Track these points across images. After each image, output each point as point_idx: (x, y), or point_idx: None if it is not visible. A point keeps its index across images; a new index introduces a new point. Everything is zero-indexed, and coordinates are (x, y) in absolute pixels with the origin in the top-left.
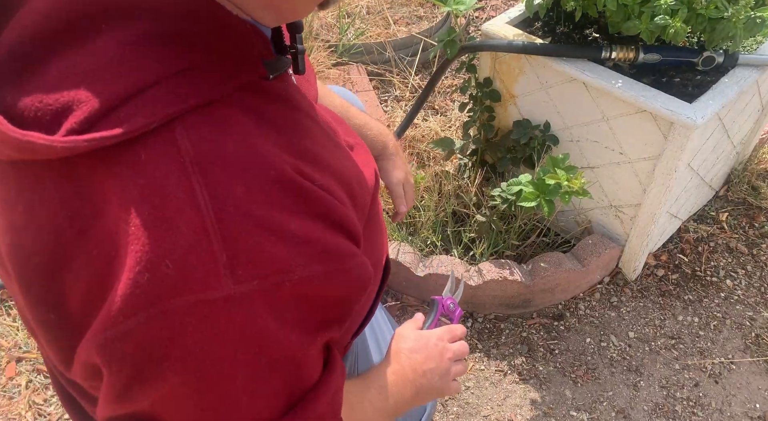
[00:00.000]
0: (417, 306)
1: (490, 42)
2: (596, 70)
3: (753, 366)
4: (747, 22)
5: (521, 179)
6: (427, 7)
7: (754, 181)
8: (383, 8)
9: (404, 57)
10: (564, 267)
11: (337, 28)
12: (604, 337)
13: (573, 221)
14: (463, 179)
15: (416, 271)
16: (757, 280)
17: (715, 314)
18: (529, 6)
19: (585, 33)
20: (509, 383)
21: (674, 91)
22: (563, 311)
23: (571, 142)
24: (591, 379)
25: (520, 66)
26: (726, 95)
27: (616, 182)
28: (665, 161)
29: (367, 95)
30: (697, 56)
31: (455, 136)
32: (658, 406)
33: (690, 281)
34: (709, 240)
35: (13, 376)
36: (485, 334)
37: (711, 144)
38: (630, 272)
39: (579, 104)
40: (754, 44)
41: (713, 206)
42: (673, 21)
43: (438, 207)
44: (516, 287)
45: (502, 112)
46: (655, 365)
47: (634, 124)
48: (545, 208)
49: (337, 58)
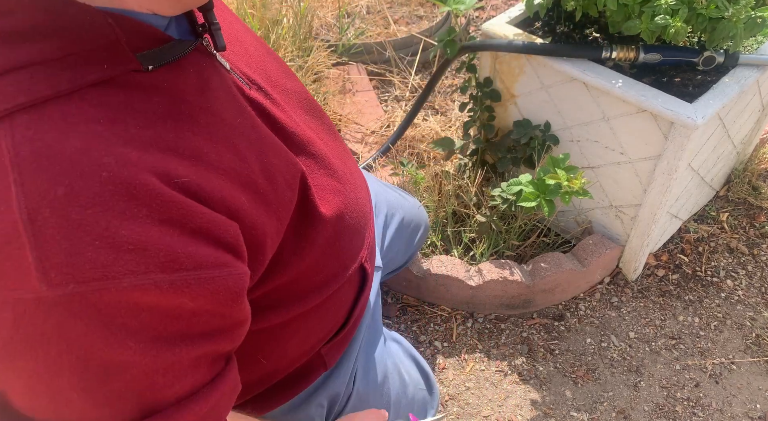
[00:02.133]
0: (417, 306)
1: (490, 42)
2: (596, 70)
3: (754, 366)
4: (747, 22)
5: (521, 179)
6: (427, 7)
7: (755, 181)
8: (383, 8)
9: (404, 57)
10: (564, 267)
11: (336, 28)
12: (604, 337)
13: (573, 221)
14: (463, 179)
15: (416, 271)
16: (757, 280)
17: (716, 314)
18: (529, 6)
19: (585, 33)
20: (509, 383)
21: (675, 91)
22: (563, 312)
23: (572, 142)
24: (591, 379)
25: (521, 66)
26: (726, 95)
27: (617, 182)
28: (666, 161)
29: (367, 95)
30: (697, 56)
31: (455, 136)
32: (658, 406)
33: (690, 281)
34: (710, 240)
35: None
36: (485, 334)
37: (711, 144)
38: (630, 272)
39: (579, 104)
40: (755, 44)
41: (714, 206)
42: (673, 21)
43: (438, 207)
44: (516, 287)
45: (503, 112)
46: (655, 366)
47: (634, 124)
48: (545, 208)
49: (337, 58)
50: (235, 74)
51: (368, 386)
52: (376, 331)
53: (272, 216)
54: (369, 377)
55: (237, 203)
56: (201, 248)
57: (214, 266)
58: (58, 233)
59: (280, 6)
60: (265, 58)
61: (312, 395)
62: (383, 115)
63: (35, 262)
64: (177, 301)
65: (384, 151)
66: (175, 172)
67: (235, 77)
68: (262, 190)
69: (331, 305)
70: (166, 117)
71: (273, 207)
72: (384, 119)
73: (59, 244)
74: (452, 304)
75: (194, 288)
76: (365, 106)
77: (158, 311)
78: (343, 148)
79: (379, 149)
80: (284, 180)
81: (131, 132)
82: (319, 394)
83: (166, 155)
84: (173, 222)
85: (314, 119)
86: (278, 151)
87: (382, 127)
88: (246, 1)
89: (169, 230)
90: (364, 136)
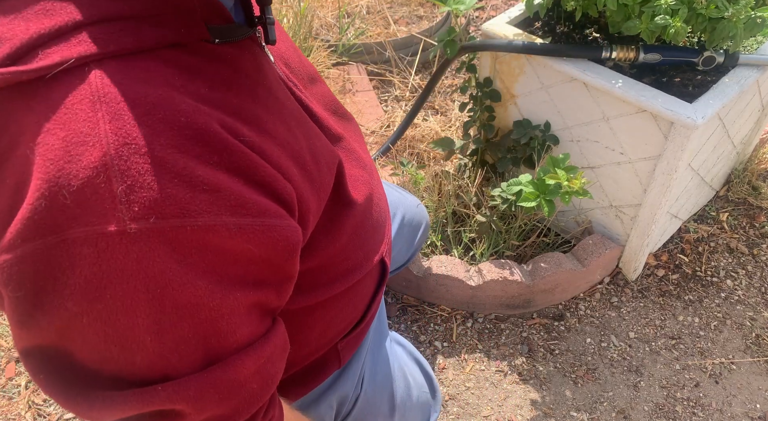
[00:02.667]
0: (417, 306)
1: (490, 42)
2: (596, 70)
3: (753, 366)
4: (747, 22)
5: (521, 179)
6: (427, 7)
7: (755, 181)
8: (383, 8)
9: (404, 57)
10: (564, 267)
11: (336, 28)
12: (604, 337)
13: (573, 221)
14: (463, 179)
15: (416, 271)
16: (757, 280)
17: (716, 314)
18: (529, 6)
19: (585, 33)
20: (509, 383)
21: (675, 91)
22: (563, 312)
23: (572, 142)
24: (591, 379)
25: (521, 66)
26: (726, 95)
27: (617, 182)
28: (665, 161)
29: (367, 95)
30: (697, 56)
31: (455, 136)
32: (658, 406)
33: (690, 281)
34: (710, 240)
35: (13, 376)
36: (485, 334)
37: (711, 144)
38: (630, 272)
39: (579, 104)
40: (755, 44)
41: (714, 206)
42: (673, 21)
43: (438, 207)
44: (516, 287)
45: (502, 112)
46: (655, 366)
47: (634, 124)
48: (545, 208)
49: (337, 58)
50: (277, 69)
51: (376, 388)
52: (382, 333)
53: (315, 194)
54: (377, 380)
55: (290, 173)
56: (264, 199)
57: (276, 216)
58: (143, 168)
59: (280, 6)
60: (297, 61)
61: (323, 395)
62: (383, 115)
63: (121, 195)
64: (242, 245)
65: (384, 151)
66: (240, 131)
67: (278, 71)
68: (309, 168)
69: (353, 295)
70: (231, 85)
71: (316, 185)
72: (384, 119)
73: (144, 178)
74: (452, 304)
75: (258, 234)
76: (365, 106)
77: (223, 253)
78: (364, 146)
79: (379, 149)
80: (325, 162)
81: (201, 92)
82: (330, 394)
83: (231, 116)
84: (240, 171)
85: (342, 120)
86: (320, 137)
87: (382, 127)
88: None
89: (237, 178)
90: (364, 136)
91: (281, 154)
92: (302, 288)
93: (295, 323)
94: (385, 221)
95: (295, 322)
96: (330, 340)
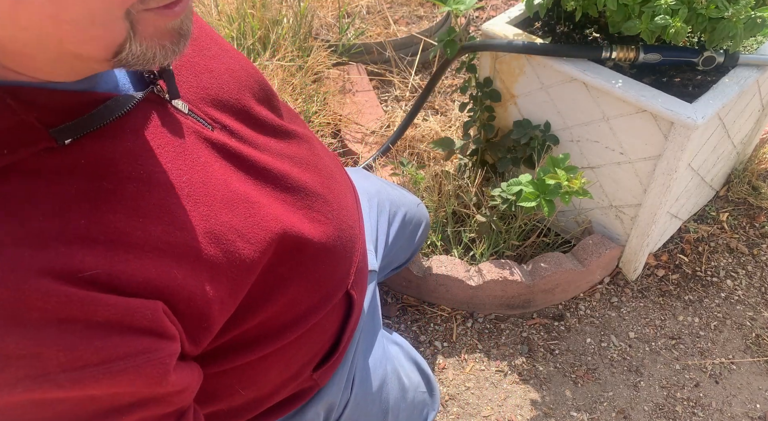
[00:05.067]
0: (417, 306)
1: (490, 42)
2: (596, 70)
3: (753, 366)
4: (747, 22)
5: (521, 179)
6: (427, 7)
7: (755, 181)
8: (383, 8)
9: (404, 57)
10: (564, 267)
11: (336, 28)
12: (604, 337)
13: (573, 221)
14: (463, 179)
15: (416, 271)
16: (757, 280)
17: (716, 314)
18: (529, 6)
19: (585, 33)
20: (509, 383)
21: (674, 91)
22: (563, 312)
23: (572, 142)
24: (591, 379)
25: (521, 66)
26: (726, 95)
27: (617, 182)
28: (665, 161)
29: (367, 95)
30: (697, 56)
31: (455, 136)
32: (658, 406)
33: (690, 281)
34: (710, 240)
35: None
36: (485, 334)
37: (711, 144)
38: (630, 272)
39: (579, 104)
40: (755, 44)
41: (714, 206)
42: (673, 21)
43: (438, 207)
44: (516, 287)
45: (502, 112)
46: (655, 366)
47: (634, 124)
48: (545, 208)
49: (337, 58)
50: (196, 117)
51: (366, 392)
52: (375, 335)
53: (221, 279)
54: (367, 383)
55: (166, 280)
56: (109, 340)
57: (126, 356)
58: None
59: (280, 6)
60: (238, 85)
61: (307, 405)
62: (383, 115)
63: None
64: (86, 392)
65: (384, 151)
66: (80, 265)
67: (195, 120)
68: (204, 256)
69: (312, 336)
70: (81, 199)
71: (222, 269)
72: (384, 119)
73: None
74: (452, 304)
75: (103, 381)
76: (365, 106)
77: (71, 401)
78: (325, 165)
79: (379, 149)
80: (240, 236)
81: (28, 227)
82: (315, 403)
83: (71, 248)
84: (74, 319)
85: (291, 143)
86: (234, 207)
87: (382, 127)
88: (246, 1)
89: (70, 327)
90: (364, 136)
91: (149, 263)
92: (246, 344)
93: (249, 371)
94: (353, 250)
95: (249, 370)
96: (296, 373)
